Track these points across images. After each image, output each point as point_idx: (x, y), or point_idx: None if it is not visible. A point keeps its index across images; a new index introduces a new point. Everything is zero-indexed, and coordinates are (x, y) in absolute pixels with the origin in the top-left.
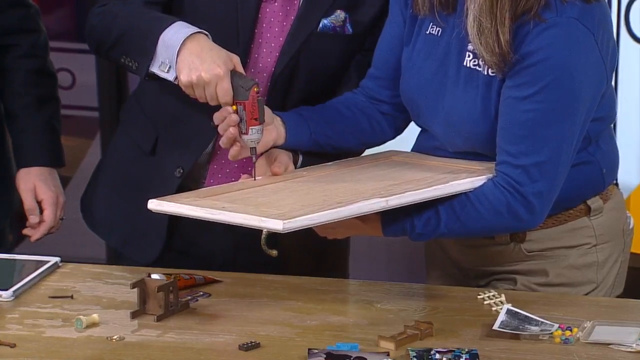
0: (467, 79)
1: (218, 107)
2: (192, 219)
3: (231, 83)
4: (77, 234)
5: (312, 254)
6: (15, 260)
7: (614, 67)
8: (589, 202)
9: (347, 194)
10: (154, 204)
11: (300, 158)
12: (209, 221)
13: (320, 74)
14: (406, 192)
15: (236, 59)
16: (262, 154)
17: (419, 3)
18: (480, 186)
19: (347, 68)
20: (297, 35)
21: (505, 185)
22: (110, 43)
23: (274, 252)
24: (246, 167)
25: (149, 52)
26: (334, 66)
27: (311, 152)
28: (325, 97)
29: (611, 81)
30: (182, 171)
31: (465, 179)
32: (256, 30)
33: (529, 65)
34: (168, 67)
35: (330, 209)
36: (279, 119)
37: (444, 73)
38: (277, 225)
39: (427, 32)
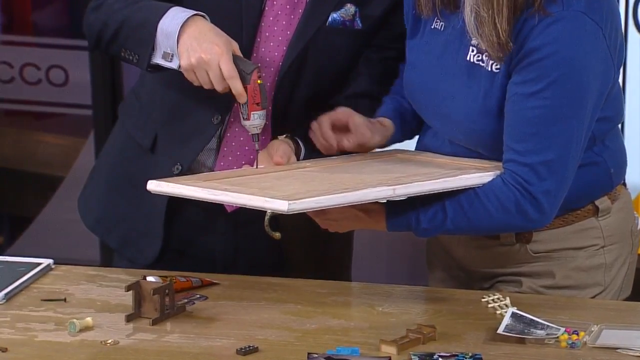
0: (470, 73)
1: (218, 101)
2: (191, 217)
3: None
4: (70, 235)
5: (315, 255)
6: (6, 262)
7: (621, 62)
8: (596, 202)
9: (352, 182)
10: (153, 185)
11: (303, 151)
12: (208, 221)
13: (328, 70)
14: (414, 182)
15: (235, 44)
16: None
17: (422, 4)
18: (489, 183)
19: (355, 64)
20: (305, 30)
21: (513, 183)
22: (108, 38)
23: (277, 235)
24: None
25: (148, 42)
26: (342, 62)
27: (313, 145)
28: (333, 93)
29: (618, 78)
30: (180, 168)
31: (474, 173)
32: (262, 23)
33: (536, 60)
34: (171, 55)
35: (337, 193)
36: (391, 128)
37: (446, 67)
38: (282, 205)
39: (432, 27)
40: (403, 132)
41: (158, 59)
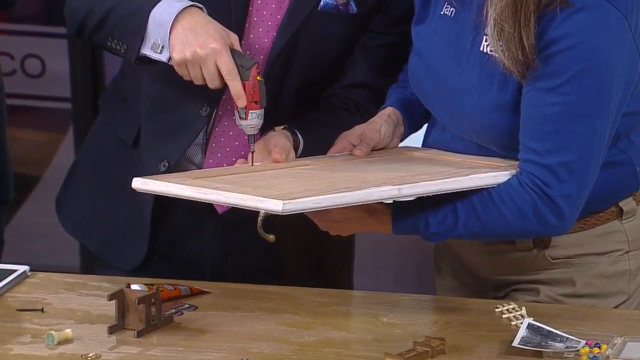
0: (483, 65)
1: (206, 91)
2: (178, 219)
3: None
4: (48, 239)
5: (313, 261)
6: None
7: None
8: (621, 204)
9: (354, 181)
10: (138, 183)
11: (301, 144)
12: (196, 223)
13: (321, 58)
14: (422, 181)
15: (234, 37)
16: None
17: None
18: (504, 184)
19: (351, 51)
20: (295, 15)
21: (531, 185)
22: (93, 25)
23: (271, 237)
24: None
25: (139, 31)
26: (336, 49)
27: (312, 137)
28: (326, 83)
29: None
30: (167, 165)
31: (488, 173)
32: (250, 7)
33: (556, 53)
34: (161, 47)
35: (336, 193)
36: (402, 127)
37: (457, 58)
38: (276, 206)
39: (442, 13)
40: (411, 125)
41: (147, 50)
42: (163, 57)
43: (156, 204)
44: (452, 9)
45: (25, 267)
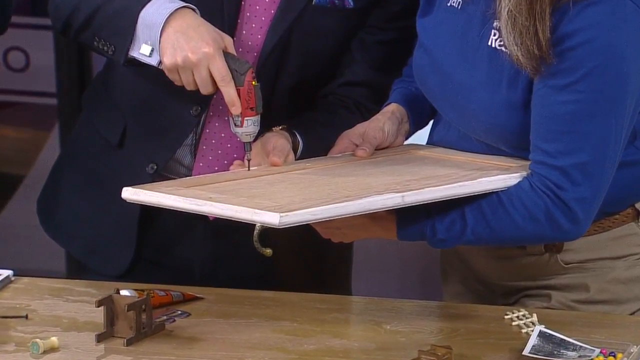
0: (491, 60)
1: (199, 92)
2: (167, 223)
3: None
4: (33, 243)
5: (308, 265)
6: None
7: None
8: (637, 205)
9: (356, 188)
10: (128, 193)
11: (301, 144)
12: (186, 227)
13: (315, 55)
14: (426, 187)
15: (228, 40)
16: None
17: None
18: (514, 187)
19: (347, 48)
20: (288, 9)
21: (543, 188)
22: (79, 24)
23: (268, 251)
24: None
25: (127, 33)
26: (331, 46)
27: (312, 137)
28: (321, 81)
29: None
30: (155, 167)
31: (497, 176)
32: (243, 2)
33: (568, 48)
34: (150, 50)
35: (336, 203)
36: (407, 125)
37: (464, 52)
38: (272, 219)
39: (449, 5)
40: (416, 121)
41: (135, 53)
42: (153, 61)
43: (143, 206)
44: (459, 0)
45: (9, 272)
